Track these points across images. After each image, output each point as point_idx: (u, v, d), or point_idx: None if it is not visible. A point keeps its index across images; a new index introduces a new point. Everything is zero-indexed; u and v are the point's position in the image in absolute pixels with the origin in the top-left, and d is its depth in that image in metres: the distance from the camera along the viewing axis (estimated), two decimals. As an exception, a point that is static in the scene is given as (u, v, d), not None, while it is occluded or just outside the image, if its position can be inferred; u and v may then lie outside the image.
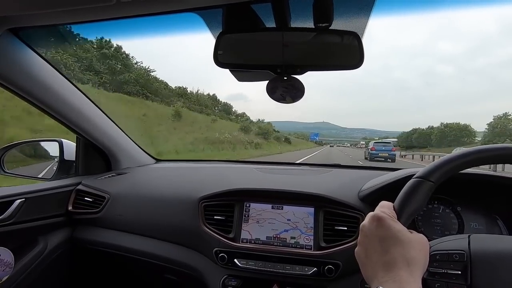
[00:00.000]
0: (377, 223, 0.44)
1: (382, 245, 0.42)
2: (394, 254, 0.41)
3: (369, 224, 0.45)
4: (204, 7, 0.65)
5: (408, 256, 0.40)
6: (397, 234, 0.42)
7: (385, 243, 0.42)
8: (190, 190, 1.05)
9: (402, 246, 0.41)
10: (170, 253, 1.02)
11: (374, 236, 0.44)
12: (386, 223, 0.43)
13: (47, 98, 1.00)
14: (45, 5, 0.60)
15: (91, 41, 18.87)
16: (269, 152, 21.55)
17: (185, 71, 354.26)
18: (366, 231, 0.45)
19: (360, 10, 0.68)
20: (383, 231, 0.43)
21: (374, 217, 0.45)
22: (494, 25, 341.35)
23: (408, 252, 0.41)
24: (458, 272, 0.45)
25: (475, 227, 0.82)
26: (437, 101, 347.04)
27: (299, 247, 0.87)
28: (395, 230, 0.42)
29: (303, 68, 0.66)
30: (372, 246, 0.43)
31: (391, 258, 0.41)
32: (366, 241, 0.45)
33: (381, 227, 0.43)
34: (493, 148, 0.48)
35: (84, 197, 1.18)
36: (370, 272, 0.42)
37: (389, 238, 0.42)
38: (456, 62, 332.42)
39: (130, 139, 1.42)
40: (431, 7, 0.71)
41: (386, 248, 0.42)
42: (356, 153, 28.85)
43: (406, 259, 0.40)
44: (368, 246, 0.44)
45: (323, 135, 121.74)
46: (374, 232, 0.44)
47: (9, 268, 0.93)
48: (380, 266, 0.41)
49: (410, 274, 0.39)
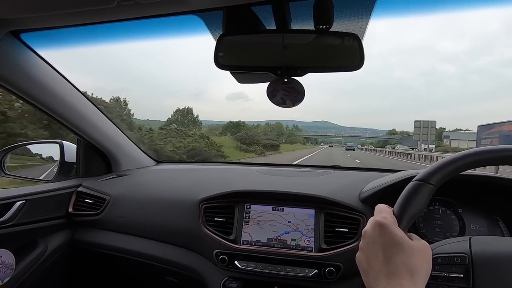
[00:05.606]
0: (380, 230, 0.43)
1: (384, 253, 0.41)
2: (397, 263, 0.40)
3: (371, 231, 0.44)
4: (205, 9, 0.65)
5: (411, 265, 0.40)
6: (400, 242, 0.41)
7: (387, 251, 0.41)
8: (190, 192, 1.05)
9: (405, 254, 0.40)
10: (171, 255, 1.02)
11: (377, 243, 0.42)
12: (389, 230, 0.42)
13: (48, 100, 1.01)
14: (46, 7, 0.60)
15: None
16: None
17: (184, 71, 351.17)
18: (368, 238, 0.44)
19: (361, 12, 0.68)
20: (386, 238, 0.42)
21: (376, 223, 0.44)
22: (498, 23, 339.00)
23: (410, 260, 0.40)
24: (460, 275, 0.45)
25: (476, 229, 0.82)
26: (437, 101, 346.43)
27: (299, 249, 0.87)
28: (398, 237, 0.42)
29: (303, 70, 0.66)
30: (374, 254, 0.42)
31: (393, 267, 0.40)
32: (368, 248, 0.44)
33: (384, 234, 0.42)
34: (493, 149, 0.47)
35: (84, 199, 1.18)
36: (371, 280, 0.42)
37: (391, 246, 0.41)
38: (458, 61, 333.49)
39: (131, 140, 1.42)
40: (432, 8, 0.71)
41: (389, 256, 0.41)
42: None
43: (409, 268, 0.39)
44: (370, 253, 0.43)
45: (322, 134, 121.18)
46: (377, 240, 0.43)
47: (10, 270, 0.93)
48: (382, 275, 0.40)
49: (413, 284, 0.38)
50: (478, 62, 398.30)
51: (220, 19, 0.68)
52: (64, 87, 1.05)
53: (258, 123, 68.41)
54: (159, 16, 0.68)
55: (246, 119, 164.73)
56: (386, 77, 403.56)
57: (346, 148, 42.25)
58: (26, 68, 0.91)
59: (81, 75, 76.24)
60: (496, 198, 0.82)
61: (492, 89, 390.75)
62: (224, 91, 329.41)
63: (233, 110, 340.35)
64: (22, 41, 0.87)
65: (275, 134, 53.08)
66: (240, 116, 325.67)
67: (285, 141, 44.46)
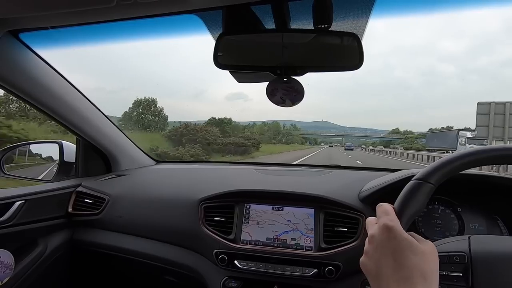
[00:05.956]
0: (389, 234, 0.41)
1: (395, 258, 0.39)
2: (409, 268, 0.38)
3: (379, 235, 0.42)
4: (204, 8, 0.65)
5: (424, 270, 0.39)
6: (411, 246, 0.40)
7: (399, 255, 0.39)
8: (190, 192, 1.05)
9: (417, 258, 0.39)
10: (170, 254, 1.02)
11: (386, 248, 0.40)
12: (398, 234, 0.41)
13: (47, 100, 1.01)
14: (45, 7, 0.60)
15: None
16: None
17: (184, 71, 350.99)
18: (376, 242, 0.42)
19: (360, 11, 0.68)
20: (396, 243, 0.40)
21: (384, 227, 0.42)
22: (497, 23, 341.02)
23: (423, 265, 0.39)
24: (459, 274, 0.45)
25: (475, 228, 0.82)
26: (437, 100, 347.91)
27: (299, 248, 0.87)
28: (407, 241, 0.40)
29: (303, 69, 0.66)
30: (384, 259, 0.40)
31: (407, 272, 0.38)
32: (377, 253, 0.41)
33: (394, 238, 0.40)
34: (492, 148, 0.47)
35: (84, 199, 1.18)
36: (383, 287, 0.40)
37: (403, 250, 0.40)
38: (458, 61, 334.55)
39: (130, 140, 1.42)
40: (431, 7, 0.71)
41: (401, 261, 0.39)
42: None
43: (422, 273, 0.38)
44: (379, 259, 0.41)
45: (322, 134, 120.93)
46: (387, 244, 0.41)
47: (9, 270, 0.93)
48: (395, 281, 0.38)
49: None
50: (478, 62, 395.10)
51: (220, 18, 0.68)
52: (63, 87, 1.05)
53: (255, 122, 67.90)
54: (158, 15, 0.68)
55: (246, 119, 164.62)
56: (385, 76, 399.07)
57: (345, 148, 42.89)
58: (25, 68, 0.90)
59: (80, 74, 76.11)
60: (495, 197, 0.82)
61: (492, 89, 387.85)
62: (224, 91, 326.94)
63: (233, 110, 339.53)
64: (21, 40, 0.87)
65: (272, 133, 52.33)
66: (240, 116, 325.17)
67: (273, 141, 43.07)
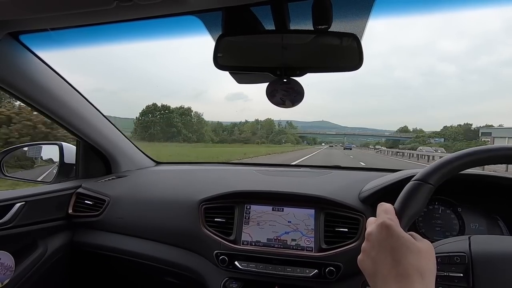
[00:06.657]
0: (387, 232, 0.41)
1: (393, 256, 0.40)
2: (407, 266, 0.39)
3: (377, 233, 0.42)
4: (204, 10, 0.65)
5: (421, 267, 0.39)
6: (408, 244, 0.40)
7: (396, 253, 0.40)
8: (190, 193, 1.05)
9: (415, 256, 0.39)
10: (171, 255, 1.02)
11: (384, 245, 0.41)
12: (396, 232, 0.41)
13: (47, 102, 1.01)
14: (45, 9, 0.60)
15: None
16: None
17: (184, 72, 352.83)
18: (374, 240, 0.42)
19: (359, 12, 0.68)
20: (394, 240, 0.40)
21: (383, 225, 0.42)
22: (498, 23, 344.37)
23: (420, 262, 0.39)
24: (460, 275, 0.45)
25: (476, 228, 0.82)
26: (437, 100, 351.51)
27: (300, 249, 0.87)
28: (405, 239, 0.41)
29: (303, 70, 0.66)
30: (382, 257, 0.41)
31: (404, 270, 0.39)
32: (374, 251, 0.42)
33: (391, 236, 0.41)
34: (491, 148, 0.47)
35: (84, 200, 1.18)
36: (380, 284, 0.40)
37: (400, 248, 0.40)
38: (458, 61, 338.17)
39: (130, 141, 1.42)
40: (431, 7, 0.71)
41: (398, 259, 0.39)
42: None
43: (420, 270, 0.39)
44: (376, 256, 0.41)
45: (321, 133, 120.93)
46: (384, 242, 0.41)
47: (9, 271, 0.93)
48: (392, 279, 0.39)
49: (424, 286, 0.38)
50: (478, 62, 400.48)
51: (219, 19, 0.68)
52: (63, 89, 1.05)
53: (247, 120, 67.50)
54: (158, 17, 0.68)
55: (247, 119, 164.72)
56: (385, 77, 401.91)
57: (344, 148, 43.75)
58: (25, 69, 0.91)
59: (80, 75, 76.32)
60: (496, 197, 0.82)
61: (491, 88, 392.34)
62: (224, 92, 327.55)
63: (233, 110, 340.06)
64: (21, 42, 0.87)
65: (265, 132, 51.09)
66: (240, 116, 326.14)
67: (257, 141, 41.69)
